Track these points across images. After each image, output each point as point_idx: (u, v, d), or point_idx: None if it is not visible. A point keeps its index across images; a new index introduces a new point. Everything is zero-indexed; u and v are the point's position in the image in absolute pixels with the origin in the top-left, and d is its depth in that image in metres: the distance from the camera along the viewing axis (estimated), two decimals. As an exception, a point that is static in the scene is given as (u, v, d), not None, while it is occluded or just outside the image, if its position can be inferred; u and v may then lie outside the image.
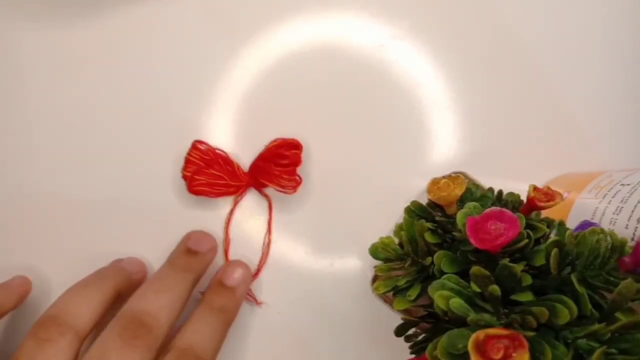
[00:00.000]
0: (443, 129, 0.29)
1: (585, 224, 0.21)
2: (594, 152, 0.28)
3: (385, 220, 0.28)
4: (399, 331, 0.20)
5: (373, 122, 0.29)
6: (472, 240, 0.16)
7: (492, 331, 0.14)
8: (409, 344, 0.19)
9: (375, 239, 0.20)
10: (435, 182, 0.19)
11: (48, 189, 0.28)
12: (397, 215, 0.28)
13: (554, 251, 0.15)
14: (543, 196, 0.18)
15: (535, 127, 0.28)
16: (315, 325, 0.28)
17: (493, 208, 0.16)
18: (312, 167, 0.28)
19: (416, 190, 0.28)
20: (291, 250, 0.28)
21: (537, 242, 0.18)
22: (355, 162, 0.28)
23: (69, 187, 0.28)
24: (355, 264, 0.28)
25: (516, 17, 0.29)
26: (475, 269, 0.15)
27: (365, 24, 0.29)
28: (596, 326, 0.14)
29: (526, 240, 0.16)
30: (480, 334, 0.14)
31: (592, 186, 0.24)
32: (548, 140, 0.28)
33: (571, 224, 0.22)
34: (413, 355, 0.19)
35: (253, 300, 0.28)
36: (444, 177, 0.20)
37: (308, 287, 0.28)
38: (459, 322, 0.16)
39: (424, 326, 0.20)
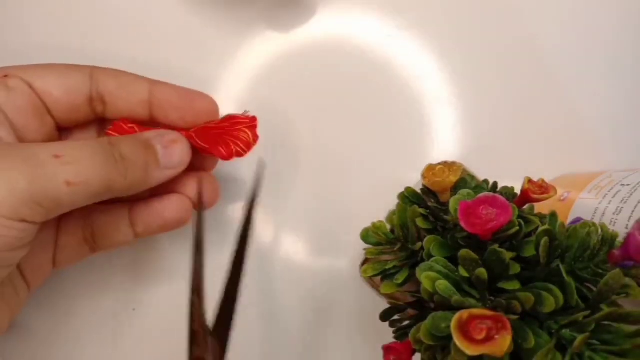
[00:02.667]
0: (443, 124, 0.29)
1: (577, 220, 0.21)
2: (594, 152, 0.28)
3: (381, 213, 0.28)
4: (385, 316, 0.20)
5: (373, 113, 0.29)
6: (462, 224, 0.16)
7: (476, 311, 0.13)
8: (393, 329, 0.19)
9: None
10: (430, 168, 0.19)
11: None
12: (392, 208, 0.28)
13: (544, 240, 0.15)
14: (537, 188, 0.18)
15: (535, 127, 0.28)
16: (307, 316, 0.28)
17: (486, 193, 0.16)
18: (310, 157, 0.28)
19: (415, 184, 0.28)
20: (285, 239, 0.28)
21: (529, 235, 0.18)
22: (353, 154, 0.28)
23: None
24: (349, 254, 0.28)
25: (521, 17, 0.29)
26: (463, 252, 0.15)
27: (371, 15, 0.29)
28: (579, 314, 0.14)
29: (517, 228, 0.16)
30: (464, 313, 0.13)
31: (592, 186, 0.24)
32: (548, 140, 0.28)
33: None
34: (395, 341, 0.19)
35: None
36: (439, 163, 0.19)
37: (301, 278, 0.28)
38: (445, 308, 0.16)
39: (409, 313, 0.20)
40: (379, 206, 0.26)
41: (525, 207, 0.19)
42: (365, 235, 0.20)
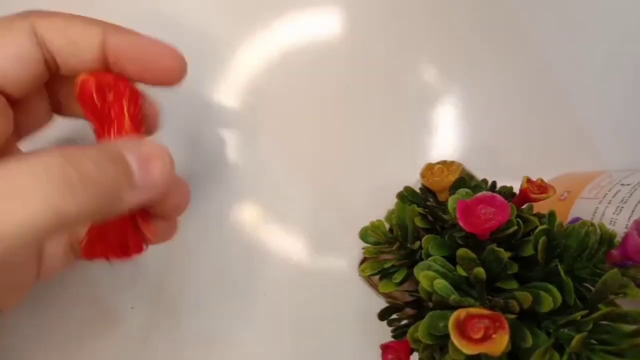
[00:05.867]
0: (443, 124, 0.29)
1: (576, 220, 0.20)
2: (594, 152, 0.27)
3: (380, 212, 0.28)
4: (383, 315, 0.20)
5: (373, 113, 0.29)
6: (461, 223, 0.16)
7: (473, 310, 0.13)
8: (391, 328, 0.19)
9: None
10: (429, 167, 0.19)
11: None
12: (391, 207, 0.28)
13: (542, 239, 0.15)
14: (536, 188, 0.18)
15: (535, 127, 0.28)
16: (306, 315, 0.28)
17: (484, 192, 0.16)
18: (309, 157, 0.28)
19: (414, 183, 0.28)
20: (285, 238, 0.28)
21: (527, 234, 0.18)
22: (352, 154, 0.28)
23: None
24: (348, 253, 0.28)
25: (521, 16, 0.29)
26: (461, 251, 0.15)
27: (371, 15, 0.29)
28: (577, 314, 0.14)
29: (515, 227, 0.16)
30: (462, 312, 0.13)
31: (592, 186, 0.24)
32: (548, 140, 0.28)
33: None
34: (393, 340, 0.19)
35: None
36: (438, 162, 0.19)
37: (300, 276, 0.28)
38: (443, 307, 0.16)
39: (408, 312, 0.20)
40: (378, 205, 0.26)
41: (524, 206, 0.19)
42: (364, 235, 0.20)
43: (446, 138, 0.28)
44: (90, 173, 0.14)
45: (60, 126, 0.22)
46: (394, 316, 0.19)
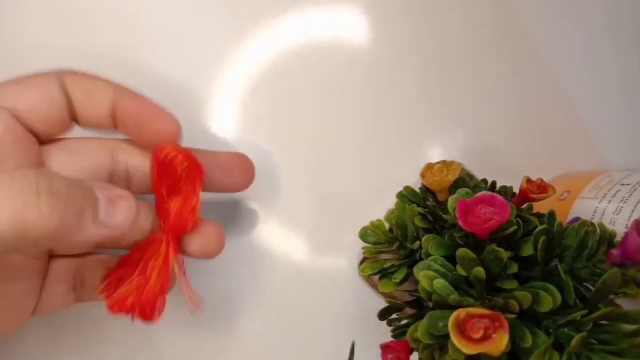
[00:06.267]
0: (443, 123, 0.29)
1: (576, 220, 0.20)
2: (594, 152, 0.27)
3: (380, 212, 0.27)
4: (383, 315, 0.20)
5: (373, 113, 0.29)
6: (461, 223, 0.16)
7: (473, 310, 0.13)
8: (391, 328, 0.19)
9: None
10: (429, 167, 0.19)
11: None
12: (391, 207, 0.28)
13: (542, 239, 0.15)
14: (536, 188, 0.18)
15: (535, 127, 0.28)
16: (306, 314, 0.28)
17: (484, 192, 0.16)
18: (309, 156, 0.28)
19: (414, 183, 0.28)
20: (284, 238, 0.28)
21: (527, 234, 0.18)
22: (352, 153, 0.28)
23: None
24: (348, 253, 0.28)
25: (521, 16, 0.29)
26: (461, 251, 0.15)
27: (371, 15, 0.29)
28: (577, 314, 0.14)
29: (515, 227, 0.16)
30: (462, 312, 0.13)
31: (592, 186, 0.24)
32: (548, 140, 0.28)
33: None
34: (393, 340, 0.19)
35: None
36: (438, 162, 0.19)
37: (300, 276, 0.28)
38: (443, 307, 0.16)
39: (408, 312, 0.20)
40: (378, 205, 0.26)
41: (524, 206, 0.19)
42: (364, 235, 0.20)
43: (446, 138, 0.28)
44: (59, 189, 0.15)
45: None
46: (394, 316, 0.19)
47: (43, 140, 0.20)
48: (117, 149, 0.21)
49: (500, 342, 0.13)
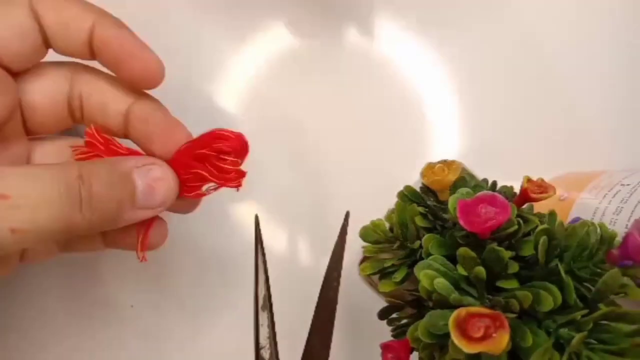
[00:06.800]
0: (443, 123, 0.29)
1: (576, 220, 0.20)
2: (594, 152, 0.28)
3: (380, 211, 0.28)
4: (383, 314, 0.20)
5: (373, 112, 0.29)
6: (461, 223, 0.16)
7: (473, 309, 0.13)
8: (391, 327, 0.19)
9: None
10: (430, 167, 0.19)
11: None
12: (391, 206, 0.28)
13: (543, 239, 0.15)
14: (536, 188, 0.18)
15: (535, 127, 0.28)
16: (305, 314, 0.28)
17: (485, 192, 0.16)
18: (309, 156, 0.28)
19: (414, 183, 0.28)
20: (284, 237, 0.28)
21: (528, 234, 0.18)
22: (352, 153, 0.28)
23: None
24: (348, 252, 0.28)
25: (522, 17, 0.29)
26: (462, 250, 0.15)
27: (372, 14, 0.29)
28: (577, 313, 0.14)
29: (516, 227, 0.16)
30: (462, 311, 0.13)
31: (592, 186, 0.24)
32: (548, 139, 0.28)
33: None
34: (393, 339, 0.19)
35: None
36: (439, 162, 0.19)
37: (300, 275, 0.28)
38: (443, 306, 0.16)
39: (407, 311, 0.20)
40: (378, 204, 0.26)
41: (525, 206, 0.19)
42: (364, 233, 0.20)
43: (447, 137, 0.28)
44: (99, 193, 0.16)
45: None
46: (394, 315, 0.19)
47: (16, 72, 0.19)
48: (75, 74, 0.19)
49: (501, 341, 0.13)
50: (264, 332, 0.18)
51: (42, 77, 0.19)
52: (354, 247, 0.28)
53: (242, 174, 0.20)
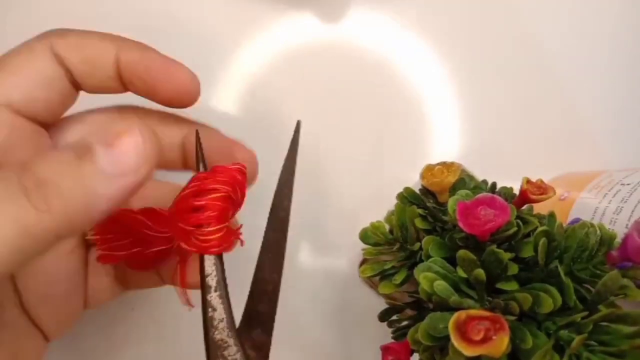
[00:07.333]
0: (443, 124, 0.29)
1: (576, 221, 0.20)
2: (594, 152, 0.28)
3: (380, 213, 0.28)
4: (383, 316, 0.20)
5: (373, 114, 0.29)
6: (461, 225, 0.16)
7: (473, 312, 0.13)
8: (392, 329, 0.19)
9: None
10: (429, 168, 0.19)
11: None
12: (392, 208, 0.28)
13: (542, 240, 0.15)
14: (536, 189, 0.18)
15: (535, 127, 0.28)
16: (306, 316, 0.28)
17: (484, 194, 0.16)
18: (309, 157, 0.28)
19: (414, 184, 0.28)
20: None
21: (527, 235, 0.18)
22: (352, 154, 0.28)
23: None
24: (348, 254, 0.28)
25: (522, 17, 0.29)
26: (461, 252, 0.15)
27: (372, 15, 0.29)
28: (577, 315, 0.14)
29: (515, 229, 0.16)
30: (462, 314, 0.13)
31: (592, 186, 0.24)
32: (548, 139, 0.28)
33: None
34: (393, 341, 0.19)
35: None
36: (438, 163, 0.19)
37: (301, 277, 0.28)
38: (443, 308, 0.16)
39: (408, 313, 0.20)
40: (378, 206, 0.26)
41: (524, 207, 0.19)
42: (364, 235, 0.20)
43: (447, 138, 0.28)
44: (47, 175, 0.13)
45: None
46: (394, 317, 0.19)
47: (50, 123, 0.18)
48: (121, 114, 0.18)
49: (501, 343, 0.13)
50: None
51: (80, 124, 0.18)
52: (355, 249, 0.28)
53: (228, 237, 0.17)
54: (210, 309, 0.16)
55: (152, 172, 0.15)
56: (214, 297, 0.16)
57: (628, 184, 0.22)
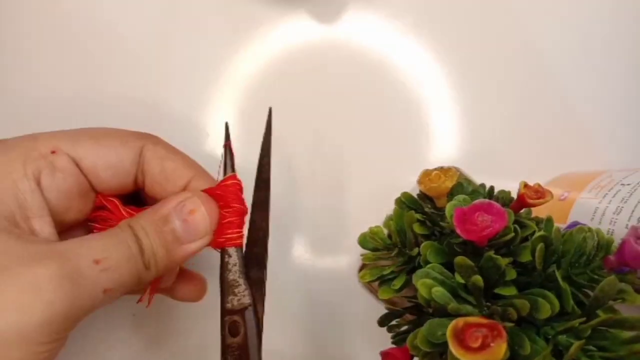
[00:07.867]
0: (443, 127, 0.28)
1: (574, 225, 0.20)
2: (594, 152, 0.27)
3: (380, 217, 0.28)
4: (383, 321, 0.20)
5: (371, 117, 0.29)
6: (458, 231, 0.16)
7: (471, 319, 0.13)
8: (391, 334, 0.19)
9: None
10: (426, 174, 0.19)
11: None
12: (390, 211, 0.28)
13: (540, 246, 0.15)
14: (533, 193, 0.18)
15: (535, 127, 0.28)
16: (305, 320, 0.28)
17: (481, 200, 0.16)
18: (308, 161, 0.28)
19: (412, 188, 0.28)
20: (284, 243, 0.28)
21: (525, 240, 0.18)
22: (351, 158, 0.28)
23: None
24: (347, 258, 0.28)
25: (519, 18, 0.29)
26: (459, 259, 0.15)
27: (371, 18, 0.29)
28: (575, 320, 0.14)
29: (512, 234, 0.16)
30: (460, 321, 0.13)
31: (592, 186, 0.24)
32: (548, 140, 0.28)
33: (571, 224, 0.22)
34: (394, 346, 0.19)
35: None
36: (435, 168, 0.19)
37: (300, 281, 0.28)
38: (442, 314, 0.16)
39: (407, 318, 0.20)
40: (377, 211, 0.26)
41: (523, 210, 0.19)
42: (363, 241, 0.20)
43: (446, 140, 0.28)
44: (148, 247, 0.18)
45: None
46: (394, 322, 0.20)
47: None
48: (145, 148, 0.20)
49: (499, 351, 0.13)
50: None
51: (113, 154, 0.20)
52: (354, 254, 0.28)
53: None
54: (226, 256, 0.20)
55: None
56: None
57: (628, 184, 0.22)
